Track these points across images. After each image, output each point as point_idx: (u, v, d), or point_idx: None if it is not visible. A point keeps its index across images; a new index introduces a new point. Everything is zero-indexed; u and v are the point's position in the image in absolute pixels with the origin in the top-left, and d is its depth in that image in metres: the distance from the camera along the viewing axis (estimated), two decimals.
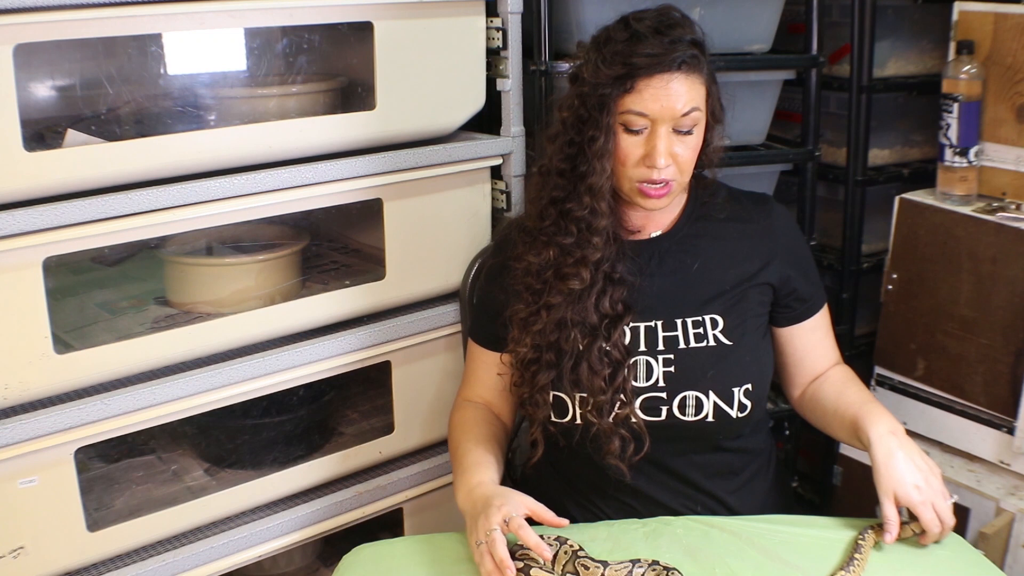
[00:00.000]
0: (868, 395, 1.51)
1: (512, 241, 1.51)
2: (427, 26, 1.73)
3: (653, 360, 1.43)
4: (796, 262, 1.52)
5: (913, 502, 1.33)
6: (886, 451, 1.36)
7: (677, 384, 1.42)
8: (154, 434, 1.76)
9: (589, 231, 1.39)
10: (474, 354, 1.61)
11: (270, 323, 1.68)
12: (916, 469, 1.35)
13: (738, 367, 1.43)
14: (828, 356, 1.58)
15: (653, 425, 1.41)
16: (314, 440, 1.85)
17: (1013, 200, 1.88)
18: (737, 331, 1.45)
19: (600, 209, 1.39)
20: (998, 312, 1.81)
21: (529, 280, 1.44)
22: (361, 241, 2.01)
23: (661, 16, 1.38)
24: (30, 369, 1.45)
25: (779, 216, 1.53)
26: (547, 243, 1.42)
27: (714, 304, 1.45)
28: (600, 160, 1.36)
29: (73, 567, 1.53)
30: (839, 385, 1.53)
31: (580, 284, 1.40)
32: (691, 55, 1.34)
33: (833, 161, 2.24)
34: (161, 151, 1.52)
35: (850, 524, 1.42)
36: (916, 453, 1.38)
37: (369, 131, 1.72)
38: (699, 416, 1.42)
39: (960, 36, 1.91)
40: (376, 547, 1.42)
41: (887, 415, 1.43)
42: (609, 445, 1.40)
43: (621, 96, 1.34)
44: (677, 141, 1.36)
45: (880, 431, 1.38)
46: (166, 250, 1.73)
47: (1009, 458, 1.83)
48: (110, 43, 1.62)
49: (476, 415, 1.54)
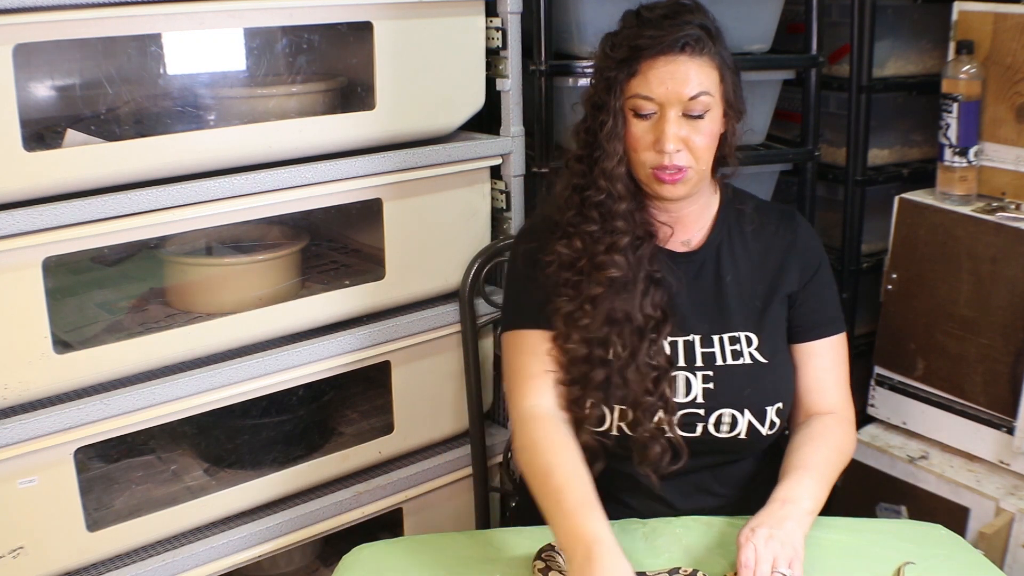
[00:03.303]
0: (820, 460, 1.39)
1: (540, 232, 1.46)
2: (427, 26, 1.73)
3: (692, 376, 1.41)
4: (813, 279, 1.48)
5: (741, 541, 1.26)
6: (767, 512, 1.30)
7: (715, 401, 1.40)
8: (154, 434, 1.76)
9: (611, 216, 1.38)
10: (522, 344, 1.44)
11: (270, 323, 1.68)
12: (780, 544, 1.25)
13: (772, 386, 1.42)
14: (829, 394, 1.47)
15: (688, 440, 1.39)
16: (314, 440, 1.85)
17: (1013, 200, 1.89)
18: (770, 349, 1.43)
19: (617, 192, 1.37)
20: (998, 312, 1.81)
21: (566, 274, 1.40)
22: (361, 241, 2.01)
23: (673, 4, 1.37)
24: (30, 369, 1.45)
25: (804, 232, 1.50)
26: (574, 233, 1.40)
27: (748, 321, 1.44)
28: (611, 143, 1.35)
29: (73, 567, 1.53)
30: (805, 439, 1.42)
31: (618, 271, 1.37)
32: (696, 36, 1.32)
33: (833, 161, 2.24)
34: (161, 151, 1.52)
35: (850, 525, 1.42)
36: (796, 534, 1.28)
37: (369, 131, 1.72)
38: (732, 433, 1.40)
39: (960, 36, 1.91)
40: (376, 547, 1.42)
41: (809, 488, 1.34)
42: (649, 452, 1.37)
43: (628, 80, 1.34)
44: (687, 126, 1.34)
45: (781, 495, 1.32)
46: (166, 250, 1.73)
47: (1009, 458, 1.83)
48: (110, 43, 1.62)
49: (558, 430, 1.37)
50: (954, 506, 1.87)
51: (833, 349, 1.48)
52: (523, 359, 1.43)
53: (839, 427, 1.46)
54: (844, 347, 1.50)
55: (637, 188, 1.41)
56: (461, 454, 1.91)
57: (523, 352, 1.43)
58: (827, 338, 1.48)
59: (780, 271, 1.46)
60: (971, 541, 1.73)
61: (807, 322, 1.47)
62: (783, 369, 1.45)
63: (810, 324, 1.47)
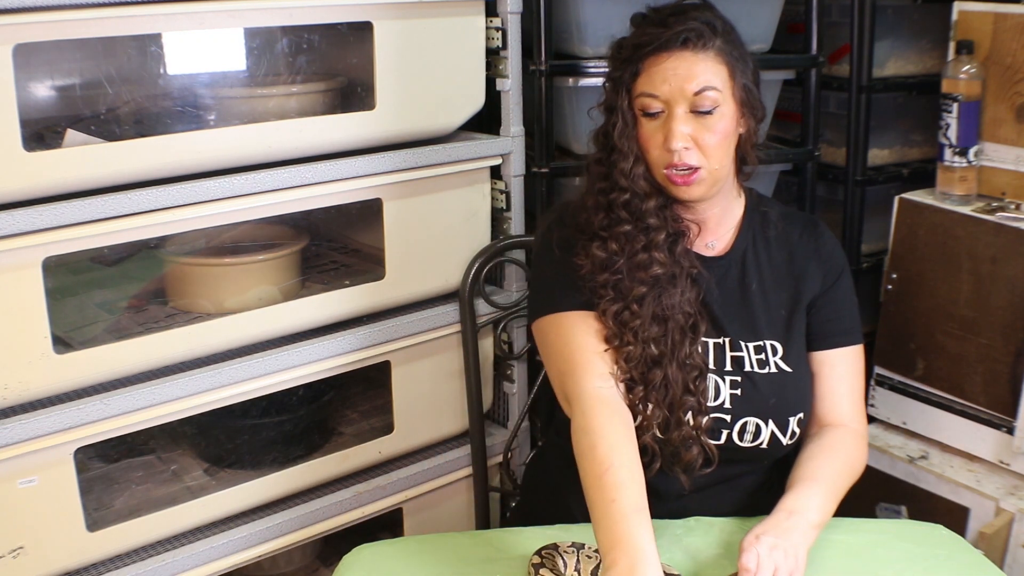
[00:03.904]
0: (830, 473, 1.37)
1: (570, 225, 1.42)
2: (427, 26, 1.73)
3: (720, 380, 1.39)
4: (834, 287, 1.46)
5: (744, 546, 1.24)
6: (773, 521, 1.28)
7: (741, 409, 1.38)
8: (154, 434, 1.76)
9: (641, 214, 1.36)
10: (578, 324, 1.37)
11: (270, 323, 1.68)
12: (783, 554, 1.23)
13: (795, 396, 1.41)
14: (842, 405, 1.45)
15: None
16: (314, 440, 1.85)
17: (1013, 200, 1.89)
18: (795, 358, 1.42)
19: (641, 189, 1.36)
20: (998, 312, 1.81)
21: (602, 276, 1.36)
22: (361, 241, 2.01)
23: (678, 4, 1.36)
24: (30, 369, 1.45)
25: (828, 240, 1.49)
26: (608, 236, 1.37)
27: (774, 329, 1.42)
28: (623, 142, 1.35)
29: (73, 567, 1.53)
30: (817, 451, 1.40)
31: (660, 267, 1.35)
32: (697, 31, 1.31)
33: (833, 161, 2.24)
34: (161, 151, 1.52)
35: (850, 525, 1.42)
36: (801, 547, 1.26)
37: (369, 131, 1.72)
38: (755, 443, 1.39)
39: (960, 36, 1.91)
40: (376, 547, 1.42)
41: (817, 501, 1.32)
42: (688, 453, 1.35)
43: (634, 80, 1.34)
44: (696, 123, 1.32)
45: (788, 506, 1.31)
46: (166, 250, 1.73)
47: (1009, 458, 1.83)
48: (110, 43, 1.62)
49: (623, 422, 1.31)
50: (954, 506, 1.87)
51: (848, 360, 1.46)
52: (578, 339, 1.36)
53: (852, 441, 1.43)
54: (860, 360, 1.48)
55: (660, 191, 1.39)
56: (461, 454, 1.91)
57: (577, 332, 1.37)
58: (843, 348, 1.45)
59: (802, 278, 1.45)
60: (971, 541, 1.73)
61: (824, 330, 1.45)
62: (805, 379, 1.44)
63: (827, 332, 1.45)
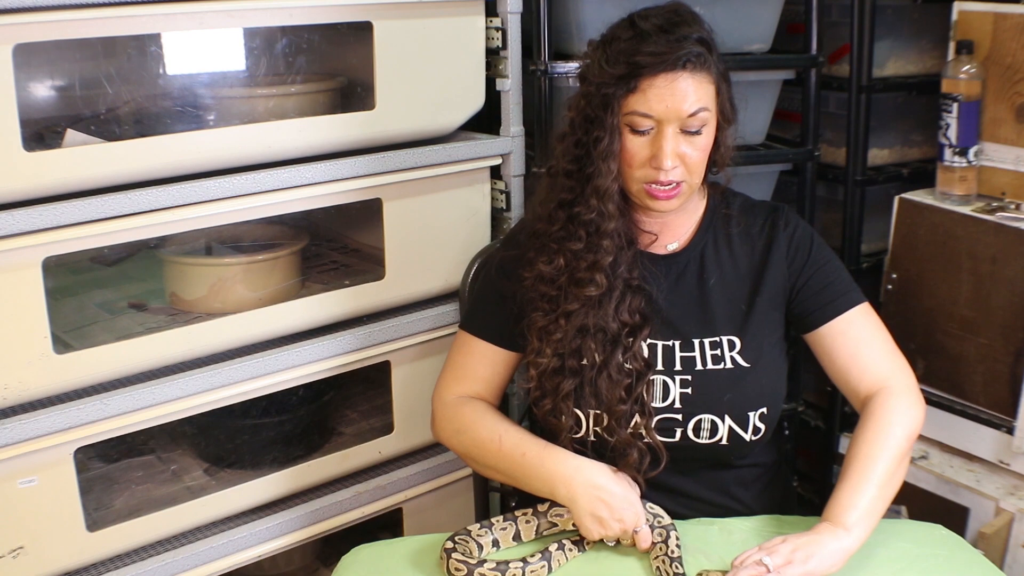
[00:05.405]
0: (880, 472, 1.33)
1: (523, 242, 1.46)
2: (426, 26, 1.74)
3: (670, 380, 1.40)
4: (808, 263, 1.44)
5: (744, 556, 1.26)
6: (808, 538, 1.28)
7: (693, 407, 1.39)
8: (153, 434, 1.77)
9: (598, 234, 1.36)
10: (469, 347, 1.50)
11: (270, 323, 1.68)
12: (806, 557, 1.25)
13: (755, 391, 1.40)
14: (873, 366, 1.41)
15: (666, 446, 1.38)
16: (313, 440, 1.85)
17: (1012, 200, 1.88)
18: (754, 353, 1.41)
19: (608, 211, 1.35)
20: (998, 312, 1.81)
21: (543, 288, 1.39)
22: (360, 241, 2.02)
23: (668, 14, 1.34)
24: (29, 369, 1.45)
25: (787, 223, 1.46)
26: (557, 250, 1.38)
27: (731, 324, 1.42)
28: (606, 161, 1.33)
29: (73, 567, 1.53)
30: (866, 437, 1.36)
31: (597, 290, 1.36)
32: (697, 53, 1.30)
33: (833, 161, 2.24)
34: (161, 151, 1.52)
35: None
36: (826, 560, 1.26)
37: (368, 131, 1.72)
38: (713, 439, 1.39)
39: (960, 36, 1.91)
40: (375, 547, 1.42)
41: (852, 510, 1.30)
42: (627, 457, 1.36)
43: (625, 96, 1.31)
44: (684, 141, 1.33)
45: (840, 518, 1.30)
46: (166, 250, 1.74)
47: (1009, 458, 1.83)
48: (110, 43, 1.62)
49: (490, 408, 1.47)
50: (954, 506, 1.87)
51: (857, 321, 1.42)
52: (468, 360, 1.50)
53: (898, 403, 1.38)
54: (872, 316, 1.44)
55: (625, 202, 1.39)
56: None
57: (471, 355, 1.50)
58: (845, 312, 1.42)
59: (764, 271, 1.44)
60: (971, 541, 1.72)
61: (817, 303, 1.43)
62: (769, 373, 1.43)
63: (821, 303, 1.43)
